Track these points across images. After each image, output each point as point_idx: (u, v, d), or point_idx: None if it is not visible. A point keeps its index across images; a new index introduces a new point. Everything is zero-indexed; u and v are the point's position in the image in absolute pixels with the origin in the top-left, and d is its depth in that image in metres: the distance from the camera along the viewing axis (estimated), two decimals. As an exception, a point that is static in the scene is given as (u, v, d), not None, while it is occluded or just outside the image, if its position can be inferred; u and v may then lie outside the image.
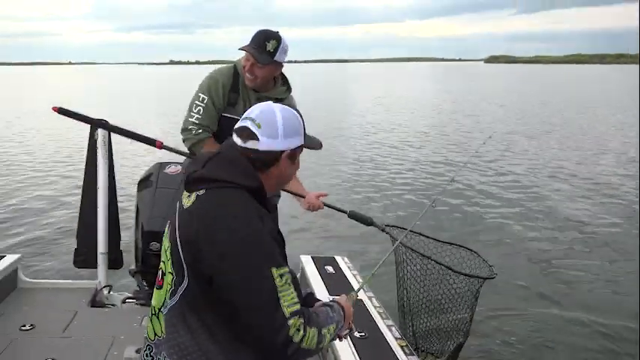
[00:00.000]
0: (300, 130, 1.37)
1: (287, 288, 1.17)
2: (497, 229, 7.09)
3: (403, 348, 2.44)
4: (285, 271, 1.19)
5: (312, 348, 1.20)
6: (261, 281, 1.15)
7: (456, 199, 8.17)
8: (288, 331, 1.14)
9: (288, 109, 1.36)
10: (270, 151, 1.31)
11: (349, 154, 12.58)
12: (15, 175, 9.90)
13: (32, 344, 2.75)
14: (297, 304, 1.18)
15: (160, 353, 1.30)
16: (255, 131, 1.30)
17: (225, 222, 1.20)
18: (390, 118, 20.52)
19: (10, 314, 3.09)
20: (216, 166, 1.29)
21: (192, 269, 1.22)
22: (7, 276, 3.32)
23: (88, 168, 3.47)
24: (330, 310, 1.35)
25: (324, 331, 1.25)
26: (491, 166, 11.20)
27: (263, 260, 1.17)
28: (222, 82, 2.63)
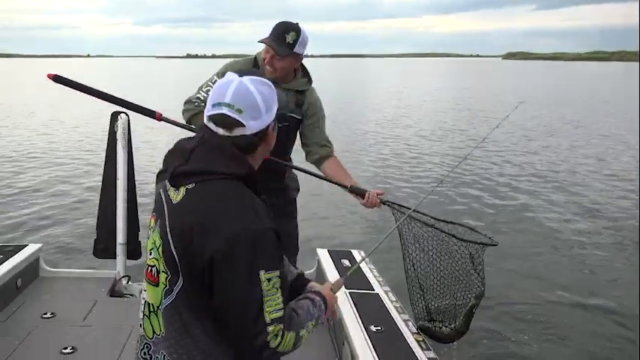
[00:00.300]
0: (275, 96, 1.31)
1: (273, 293, 1.14)
2: (509, 215, 7.07)
3: (420, 343, 2.42)
4: (273, 275, 1.15)
5: (289, 350, 1.21)
6: (248, 285, 1.13)
7: (467, 188, 8.14)
8: (267, 337, 1.14)
9: (260, 80, 1.28)
10: (257, 131, 1.26)
11: (364, 150, 12.52)
12: (38, 165, 10.08)
13: (53, 332, 2.80)
14: (281, 311, 1.16)
15: (158, 352, 1.27)
16: (238, 118, 1.22)
17: (218, 218, 1.15)
18: (404, 113, 20.38)
19: (31, 302, 3.15)
20: (204, 157, 1.23)
21: (186, 266, 1.19)
22: (28, 265, 3.38)
23: (108, 159, 3.51)
24: (312, 306, 1.32)
25: (302, 332, 1.24)
26: (505, 155, 11.10)
27: (252, 263, 1.13)
28: (241, 69, 2.61)
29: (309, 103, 2.68)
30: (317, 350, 2.73)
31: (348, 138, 13.58)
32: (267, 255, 1.15)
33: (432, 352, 2.34)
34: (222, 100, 1.23)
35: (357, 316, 2.65)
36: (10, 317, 2.94)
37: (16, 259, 3.28)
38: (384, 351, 2.33)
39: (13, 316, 2.97)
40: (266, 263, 1.14)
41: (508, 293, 4.98)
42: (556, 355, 4.04)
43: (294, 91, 2.64)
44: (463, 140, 13.82)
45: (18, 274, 3.23)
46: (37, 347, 2.64)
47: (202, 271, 1.16)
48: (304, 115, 2.68)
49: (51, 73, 2.70)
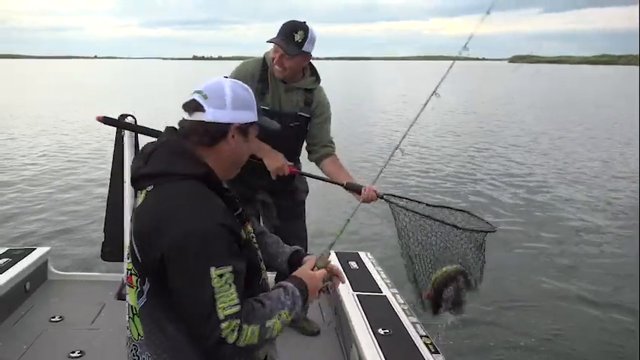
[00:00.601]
0: (252, 105, 1.30)
1: (226, 289, 1.13)
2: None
3: (428, 346, 2.40)
4: (225, 271, 1.13)
5: (255, 343, 1.18)
6: (199, 282, 1.12)
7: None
8: (221, 333, 1.12)
9: (239, 84, 1.30)
10: (217, 123, 1.25)
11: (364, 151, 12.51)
12: (46, 167, 10.15)
13: (61, 335, 2.81)
14: (235, 306, 1.14)
15: (144, 353, 1.29)
16: (201, 102, 1.24)
17: (168, 220, 1.16)
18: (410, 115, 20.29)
19: (40, 306, 3.16)
20: (159, 159, 1.25)
21: (149, 268, 1.21)
22: (37, 268, 3.39)
23: (115, 162, 3.51)
24: (283, 294, 1.28)
25: (269, 323, 1.21)
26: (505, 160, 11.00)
27: (202, 261, 1.13)
28: (252, 72, 2.60)
29: (317, 101, 2.68)
30: (324, 353, 2.72)
31: (355, 139, 13.55)
32: (218, 251, 1.14)
33: (440, 356, 2.32)
34: (198, 88, 1.27)
35: (365, 318, 2.63)
36: (18, 321, 2.96)
37: (25, 263, 3.29)
38: (392, 354, 2.31)
39: (21, 319, 2.98)
40: (216, 260, 1.13)
41: (518, 288, 4.97)
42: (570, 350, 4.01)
43: (302, 90, 2.64)
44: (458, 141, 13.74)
45: (27, 278, 3.24)
46: (46, 351, 2.65)
47: (160, 272, 1.18)
48: (312, 114, 2.68)
49: (100, 116, 2.75)
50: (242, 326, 1.15)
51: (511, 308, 4.71)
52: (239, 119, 1.28)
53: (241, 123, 1.28)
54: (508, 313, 4.61)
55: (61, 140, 13.47)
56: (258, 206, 2.84)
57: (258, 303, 1.23)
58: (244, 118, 1.29)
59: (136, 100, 22.88)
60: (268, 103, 2.59)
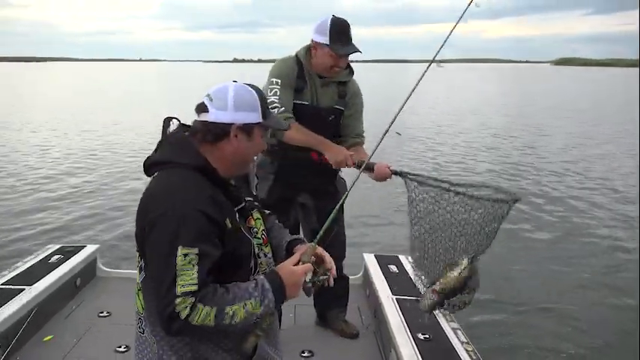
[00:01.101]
0: (255, 106, 1.37)
1: (188, 268, 1.20)
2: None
3: (469, 352, 2.35)
4: (191, 252, 1.21)
5: (210, 324, 1.22)
6: (165, 258, 1.22)
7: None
8: (175, 307, 1.19)
9: (245, 87, 1.39)
10: (219, 123, 1.34)
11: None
12: (96, 167, 10.55)
13: (108, 330, 2.92)
14: (193, 285, 1.20)
15: (146, 326, 1.41)
16: (207, 104, 1.36)
17: (154, 198, 1.30)
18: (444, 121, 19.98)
19: (89, 301, 3.29)
20: (164, 149, 1.38)
21: (143, 245, 1.32)
22: (87, 265, 3.54)
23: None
24: (252, 286, 1.30)
25: (229, 308, 1.24)
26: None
27: (172, 238, 1.22)
28: (292, 67, 2.62)
29: (352, 93, 2.70)
30: (363, 356, 2.71)
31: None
32: (187, 233, 1.22)
33: (482, 363, 2.27)
34: (208, 92, 1.39)
35: (404, 322, 2.60)
36: (69, 315, 3.09)
37: (76, 260, 3.44)
38: (431, 359, 2.28)
39: (72, 314, 3.11)
40: (185, 240, 1.22)
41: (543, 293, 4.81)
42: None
43: (336, 83, 2.65)
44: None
45: (77, 274, 3.39)
46: (94, 344, 2.76)
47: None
48: (346, 106, 2.69)
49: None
50: (196, 305, 1.20)
51: (553, 312, 4.57)
52: (240, 120, 1.35)
53: (243, 123, 1.36)
54: (549, 319, 4.47)
55: (110, 140, 13.97)
56: (297, 209, 2.84)
57: (222, 289, 1.27)
58: (246, 119, 1.36)
59: (178, 103, 23.46)
60: (308, 99, 2.61)
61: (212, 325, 1.23)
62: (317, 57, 2.55)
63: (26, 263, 3.37)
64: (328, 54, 2.50)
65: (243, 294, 1.28)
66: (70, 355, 2.65)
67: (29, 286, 2.98)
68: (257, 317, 1.30)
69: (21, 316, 2.74)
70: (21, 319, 2.73)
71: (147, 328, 1.40)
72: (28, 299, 2.84)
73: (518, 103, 27.01)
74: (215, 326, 1.23)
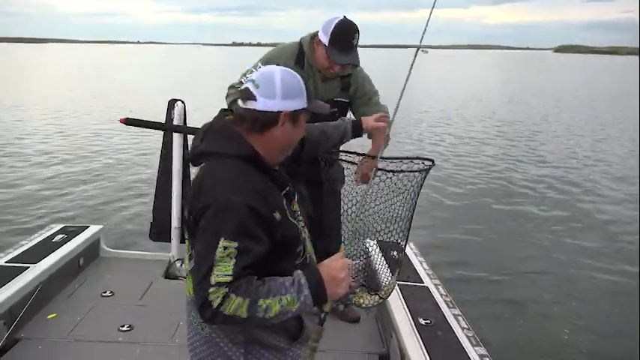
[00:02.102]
0: (302, 93, 1.36)
1: (226, 260, 1.22)
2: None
3: (470, 338, 2.37)
4: (231, 245, 1.23)
5: (242, 316, 1.23)
6: (208, 248, 1.24)
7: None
8: (208, 296, 1.22)
9: (291, 72, 1.36)
10: (268, 112, 1.32)
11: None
12: (100, 150, 10.55)
13: (111, 309, 2.94)
14: (227, 277, 1.22)
15: (193, 309, 1.40)
16: (253, 92, 1.32)
17: (202, 191, 1.30)
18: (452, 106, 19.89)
19: (92, 281, 3.31)
20: (211, 139, 1.37)
21: (193, 233, 1.34)
22: (90, 245, 3.56)
23: (165, 145, 3.62)
24: (289, 281, 1.30)
25: (262, 302, 1.24)
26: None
27: (216, 229, 1.24)
28: (289, 55, 2.57)
29: (356, 83, 2.64)
30: (364, 340, 2.73)
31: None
32: (231, 226, 1.24)
33: (482, 349, 2.29)
34: (250, 78, 1.36)
35: (406, 308, 2.62)
36: (72, 294, 3.12)
37: (79, 240, 3.46)
38: (432, 345, 2.29)
39: (75, 292, 3.14)
40: (228, 232, 1.23)
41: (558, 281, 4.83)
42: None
43: (340, 77, 2.61)
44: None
45: (80, 254, 3.41)
46: (97, 323, 2.78)
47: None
48: (353, 97, 2.64)
49: (122, 118, 2.83)
50: (229, 295, 1.22)
51: (555, 300, 4.61)
52: (288, 107, 1.34)
53: (291, 111, 1.34)
54: (549, 305, 4.51)
55: (115, 123, 13.90)
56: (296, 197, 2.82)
57: (259, 282, 1.28)
58: (294, 106, 1.35)
59: (179, 85, 23.39)
60: None
61: (245, 317, 1.24)
62: (317, 52, 2.50)
63: (30, 242, 3.39)
64: (324, 55, 2.45)
65: (279, 288, 1.28)
66: (73, 333, 2.68)
67: (33, 265, 3.00)
68: (293, 314, 1.29)
69: (25, 294, 2.77)
70: (25, 297, 2.76)
71: (193, 312, 1.42)
72: (32, 277, 2.86)
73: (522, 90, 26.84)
74: (248, 318, 1.24)
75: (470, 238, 6.08)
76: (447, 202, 7.45)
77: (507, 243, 6.07)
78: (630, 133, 13.89)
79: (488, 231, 6.39)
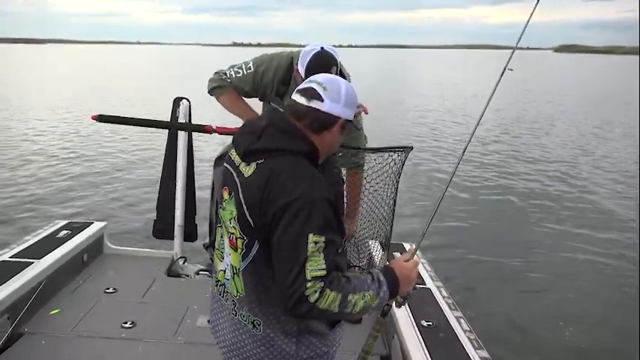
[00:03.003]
0: (355, 105, 1.45)
1: (317, 255, 1.25)
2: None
3: (472, 340, 2.37)
4: (320, 239, 1.26)
5: (334, 310, 1.27)
6: (297, 244, 1.25)
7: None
8: (305, 291, 1.24)
9: (350, 85, 1.45)
10: (330, 114, 1.39)
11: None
12: (105, 147, 10.60)
13: (114, 306, 2.95)
14: (322, 270, 1.25)
15: (242, 308, 1.44)
16: (320, 92, 1.38)
17: (279, 188, 1.30)
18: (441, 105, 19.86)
19: (96, 277, 3.32)
20: (272, 136, 1.38)
21: (260, 232, 1.34)
22: (94, 242, 3.57)
23: (169, 144, 3.63)
24: (369, 278, 1.39)
25: (351, 297, 1.30)
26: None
27: (303, 226, 1.26)
28: (275, 74, 2.57)
29: None
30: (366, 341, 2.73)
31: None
32: (317, 221, 1.27)
33: (484, 351, 2.29)
34: (315, 80, 1.42)
35: (408, 309, 2.62)
36: (76, 290, 3.13)
37: (83, 236, 3.47)
38: (434, 347, 2.29)
39: (79, 288, 3.15)
40: (315, 227, 1.26)
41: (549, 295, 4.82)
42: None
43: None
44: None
45: (84, 250, 3.42)
46: (100, 320, 2.79)
47: (269, 234, 1.32)
48: None
49: (95, 115, 2.81)
50: (325, 289, 1.26)
51: (553, 302, 4.60)
52: (346, 115, 1.42)
53: (346, 119, 1.43)
54: (551, 308, 4.50)
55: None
56: None
57: (345, 277, 1.33)
58: (349, 115, 1.44)
59: (183, 84, 23.43)
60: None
61: (336, 312, 1.28)
62: (297, 80, 2.45)
63: (35, 237, 3.41)
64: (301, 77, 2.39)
65: (362, 285, 1.35)
66: (76, 329, 2.69)
67: (37, 260, 3.01)
68: (372, 309, 1.37)
69: (29, 289, 2.78)
70: (29, 292, 2.77)
71: (243, 310, 1.43)
72: (36, 272, 2.88)
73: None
74: (338, 313, 1.29)
75: (472, 239, 6.08)
76: (452, 201, 7.46)
77: (512, 244, 6.06)
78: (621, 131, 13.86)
79: (492, 231, 6.39)
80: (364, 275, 1.40)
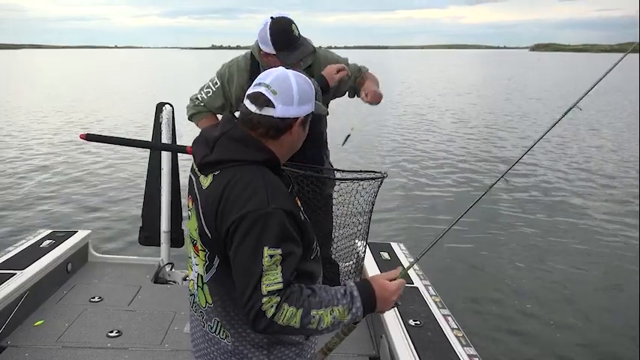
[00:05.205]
0: (312, 97, 1.37)
1: (273, 268, 1.20)
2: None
3: (459, 338, 2.38)
4: (275, 253, 1.21)
5: (295, 326, 1.22)
6: (253, 259, 1.21)
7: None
8: (262, 306, 1.19)
9: (302, 76, 1.37)
10: (285, 118, 1.32)
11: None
12: (88, 154, 10.47)
13: (100, 315, 2.91)
14: (278, 284, 1.20)
15: (211, 320, 1.40)
16: (270, 98, 1.30)
17: (233, 201, 1.25)
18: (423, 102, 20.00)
19: (81, 286, 3.28)
20: (224, 147, 1.32)
21: (218, 246, 1.30)
22: (78, 250, 3.53)
23: (152, 159, 3.60)
24: (342, 291, 1.30)
25: (315, 312, 1.24)
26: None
27: (257, 239, 1.21)
28: (238, 78, 2.54)
29: (319, 64, 2.55)
30: (354, 342, 2.72)
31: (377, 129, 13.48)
32: (272, 233, 1.22)
33: (472, 349, 2.30)
34: (264, 81, 1.33)
35: (396, 309, 2.62)
36: (60, 300, 3.08)
37: (67, 245, 3.43)
38: (422, 346, 2.29)
39: (63, 298, 3.10)
40: (270, 241, 1.21)
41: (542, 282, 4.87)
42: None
43: (304, 71, 2.54)
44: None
45: (68, 259, 3.38)
46: (85, 329, 2.76)
47: (226, 247, 1.27)
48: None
49: (82, 134, 2.79)
50: (282, 305, 1.21)
51: (541, 303, 4.64)
52: (304, 113, 1.35)
53: (305, 115, 1.35)
54: (540, 310, 4.54)
55: (107, 127, 13.84)
56: None
57: (309, 290, 1.27)
58: (307, 111, 1.36)
59: (159, 89, 23.28)
60: None
61: (298, 327, 1.23)
62: (272, 65, 2.27)
63: (17, 248, 3.35)
64: (279, 63, 2.27)
65: (331, 299, 1.28)
66: (61, 339, 2.65)
67: (20, 271, 2.97)
68: (343, 325, 1.32)
69: (12, 301, 2.73)
70: (12, 304, 2.72)
71: (212, 321, 1.40)
72: (19, 283, 2.83)
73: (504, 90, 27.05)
74: (300, 329, 1.24)
75: (459, 237, 6.11)
76: (433, 201, 7.50)
77: (496, 243, 6.11)
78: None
79: (477, 231, 6.43)
80: (335, 288, 1.32)
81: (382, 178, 2.37)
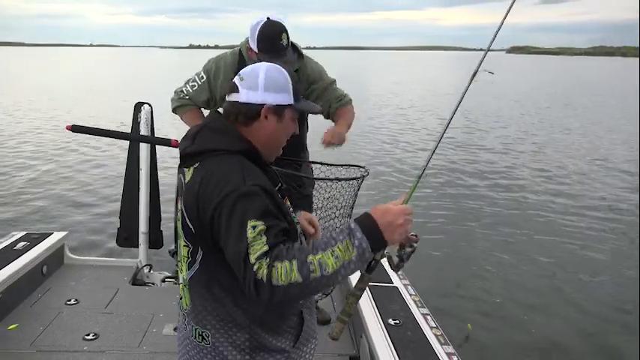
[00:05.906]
0: (287, 87, 1.36)
1: (258, 239, 1.18)
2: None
3: (438, 337, 2.41)
4: (258, 224, 1.19)
5: (298, 280, 1.14)
6: (238, 235, 1.19)
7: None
8: (255, 275, 1.15)
9: (278, 68, 1.38)
10: (250, 104, 1.34)
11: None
12: (63, 154, 10.28)
13: (76, 318, 2.87)
14: (264, 247, 1.17)
15: (191, 321, 1.38)
16: (237, 84, 1.35)
17: (212, 188, 1.25)
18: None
19: (57, 289, 3.22)
20: (204, 138, 1.35)
21: (202, 238, 1.29)
22: (54, 252, 3.46)
23: (131, 149, 3.56)
24: (337, 232, 1.21)
25: (312, 258, 1.15)
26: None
27: (241, 214, 1.20)
28: (225, 73, 2.55)
29: (306, 76, 2.58)
30: (334, 342, 2.73)
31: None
32: (253, 207, 1.21)
33: (450, 347, 2.33)
34: (239, 73, 1.38)
35: (376, 309, 2.64)
36: (35, 303, 3.02)
37: (42, 247, 3.36)
38: (402, 345, 2.32)
39: (38, 301, 3.04)
40: (251, 214, 1.20)
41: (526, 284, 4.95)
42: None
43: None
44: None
45: (44, 261, 3.31)
46: (61, 333, 2.71)
47: (211, 236, 1.26)
48: (307, 90, 2.59)
49: (69, 125, 2.79)
50: (273, 263, 1.15)
51: (526, 305, 4.71)
52: (270, 100, 1.34)
53: (274, 104, 1.34)
54: (521, 310, 4.60)
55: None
56: None
57: (298, 243, 1.26)
58: (277, 100, 1.35)
59: (137, 88, 22.99)
60: None
61: (302, 281, 1.13)
62: (254, 60, 2.40)
63: (-10, 250, 3.28)
64: (258, 60, 2.34)
65: (327, 241, 1.18)
66: (35, 343, 2.60)
67: None
68: (354, 266, 1.18)
69: None
70: None
71: (189, 325, 1.38)
72: None
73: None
74: (307, 282, 1.14)
75: (438, 237, 6.17)
76: (418, 202, 7.57)
77: (475, 241, 6.18)
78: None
79: (457, 229, 6.51)
80: (330, 232, 1.29)
81: (362, 178, 2.37)
